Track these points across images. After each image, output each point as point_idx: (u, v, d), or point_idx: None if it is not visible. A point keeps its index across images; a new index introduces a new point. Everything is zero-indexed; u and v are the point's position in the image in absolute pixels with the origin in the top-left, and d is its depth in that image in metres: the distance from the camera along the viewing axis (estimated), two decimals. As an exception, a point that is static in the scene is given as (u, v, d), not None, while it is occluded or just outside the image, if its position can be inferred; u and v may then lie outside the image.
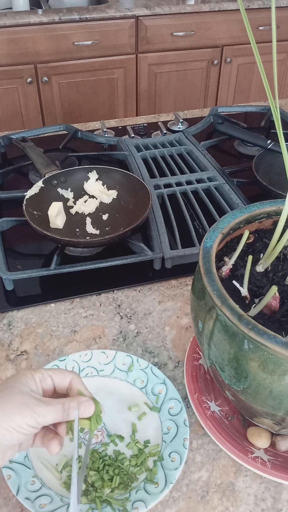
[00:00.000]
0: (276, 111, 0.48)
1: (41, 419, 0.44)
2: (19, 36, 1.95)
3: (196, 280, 0.55)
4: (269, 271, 0.57)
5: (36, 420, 0.44)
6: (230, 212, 0.59)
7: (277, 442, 0.59)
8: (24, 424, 0.43)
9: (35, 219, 0.86)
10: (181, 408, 0.62)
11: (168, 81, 2.30)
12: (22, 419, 0.43)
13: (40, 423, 0.44)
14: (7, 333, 0.76)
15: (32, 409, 0.44)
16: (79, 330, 0.77)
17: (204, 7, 2.11)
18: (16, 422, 0.43)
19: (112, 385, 0.67)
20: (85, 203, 0.95)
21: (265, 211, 0.59)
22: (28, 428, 0.44)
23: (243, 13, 0.45)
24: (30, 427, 0.44)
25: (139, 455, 0.59)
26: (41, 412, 0.44)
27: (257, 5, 2.17)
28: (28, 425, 0.44)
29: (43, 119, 2.22)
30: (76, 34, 2.02)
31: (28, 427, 0.44)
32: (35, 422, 0.44)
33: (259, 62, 0.46)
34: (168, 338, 0.75)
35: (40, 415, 0.44)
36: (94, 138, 1.22)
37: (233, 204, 0.95)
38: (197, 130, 1.25)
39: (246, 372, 0.47)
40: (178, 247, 0.86)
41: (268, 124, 1.31)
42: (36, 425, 0.44)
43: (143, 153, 1.13)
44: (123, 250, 0.88)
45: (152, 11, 2.06)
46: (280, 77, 2.48)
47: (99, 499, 0.54)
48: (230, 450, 0.58)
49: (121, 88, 2.24)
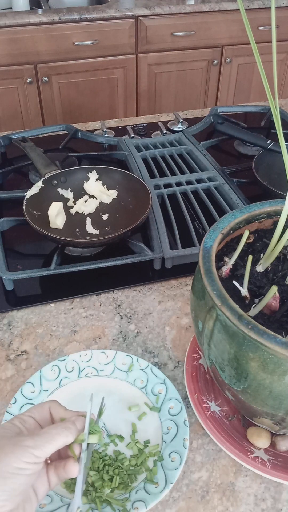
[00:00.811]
0: (276, 111, 0.48)
1: (38, 452, 0.41)
2: (19, 36, 1.95)
3: (196, 280, 0.55)
4: (269, 271, 0.57)
5: (33, 454, 0.41)
6: (230, 212, 0.59)
7: (277, 442, 0.59)
8: (21, 463, 0.40)
9: (35, 219, 0.86)
10: (181, 408, 0.62)
11: (168, 81, 2.30)
12: (17, 458, 0.40)
13: (39, 456, 0.41)
14: (7, 333, 0.76)
15: (24, 446, 0.41)
16: (79, 330, 0.77)
17: (204, 7, 2.11)
18: (13, 465, 0.40)
19: (112, 385, 0.67)
20: (85, 203, 0.95)
21: (265, 211, 0.59)
22: (28, 466, 0.40)
23: (243, 13, 0.45)
24: (30, 464, 0.41)
25: (139, 455, 0.59)
26: (36, 444, 0.41)
27: (257, 5, 2.17)
28: (26, 463, 0.40)
29: (43, 119, 2.22)
30: (76, 34, 2.02)
31: (28, 464, 0.40)
32: (33, 457, 0.41)
33: (259, 62, 0.46)
34: (168, 338, 0.75)
35: (35, 447, 0.41)
36: (94, 138, 1.22)
37: (233, 204, 0.95)
38: (197, 130, 1.25)
39: (246, 372, 0.47)
40: (178, 247, 0.86)
41: (268, 124, 1.31)
42: (35, 459, 0.41)
43: (143, 153, 1.13)
44: (123, 250, 0.88)
45: (152, 11, 2.06)
46: (280, 77, 2.48)
47: (99, 499, 0.54)
48: (230, 450, 0.58)
49: (121, 88, 2.24)
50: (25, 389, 0.64)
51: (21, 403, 0.63)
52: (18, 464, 0.40)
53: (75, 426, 0.45)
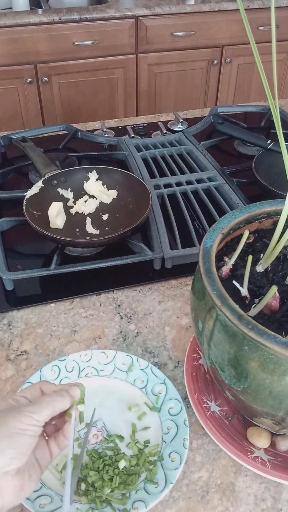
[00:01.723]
0: (276, 111, 0.48)
1: (36, 416, 0.45)
2: (19, 36, 1.95)
3: (196, 280, 0.55)
4: (269, 271, 0.57)
5: (32, 417, 0.45)
6: (230, 212, 0.59)
7: (277, 442, 0.59)
8: (22, 424, 0.44)
9: (35, 219, 0.86)
10: (181, 408, 0.62)
11: (168, 81, 2.30)
12: (19, 420, 0.44)
13: (38, 420, 0.45)
14: (7, 333, 0.76)
15: (23, 411, 0.45)
16: (79, 330, 0.77)
17: (204, 7, 2.11)
18: (16, 427, 0.44)
19: (112, 385, 0.67)
20: (85, 203, 0.95)
21: (265, 211, 0.59)
22: (29, 427, 0.45)
23: (243, 13, 0.45)
24: (31, 425, 0.45)
25: (139, 455, 0.59)
26: (33, 410, 0.46)
27: (257, 5, 2.17)
28: (27, 424, 0.44)
29: (43, 119, 2.22)
30: (76, 34, 2.02)
31: (29, 426, 0.45)
32: (31, 419, 0.45)
33: (258, 62, 0.46)
34: (168, 338, 0.75)
35: (33, 412, 0.45)
36: (94, 138, 1.22)
37: (233, 204, 0.95)
38: (197, 130, 1.25)
39: (246, 372, 0.47)
40: (178, 247, 0.86)
41: (268, 124, 1.31)
42: (35, 422, 0.45)
43: (143, 153, 1.13)
44: (123, 250, 0.88)
45: (152, 11, 2.06)
46: (280, 77, 2.48)
47: (99, 499, 0.54)
48: (230, 450, 0.58)
49: (121, 88, 2.24)
50: (25, 389, 0.64)
51: (21, 403, 0.63)
52: (20, 425, 0.44)
53: (68, 393, 0.49)
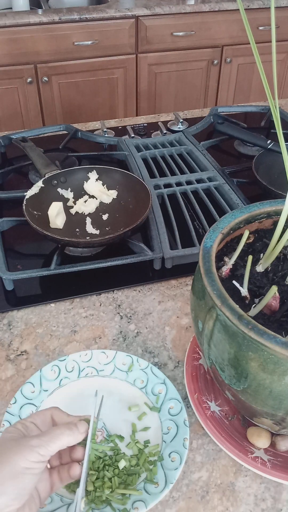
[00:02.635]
0: (276, 111, 0.48)
1: (43, 451, 0.43)
2: (19, 36, 1.95)
3: (196, 280, 0.55)
4: (269, 271, 0.57)
5: (38, 452, 0.42)
6: (230, 212, 0.59)
7: (277, 442, 0.59)
8: (27, 462, 0.42)
9: (35, 219, 0.86)
10: (181, 408, 0.62)
11: (168, 81, 2.30)
12: (24, 458, 0.42)
13: (43, 455, 0.43)
14: (7, 333, 0.76)
15: (29, 446, 0.43)
16: (79, 330, 0.77)
17: (204, 7, 2.11)
18: (20, 465, 0.41)
19: (112, 385, 0.67)
20: (85, 203, 0.95)
21: (265, 211, 0.59)
22: (35, 465, 0.42)
23: (243, 14, 0.45)
24: (36, 462, 0.42)
25: (139, 455, 0.59)
26: (41, 444, 0.43)
27: (257, 5, 2.17)
28: (33, 462, 0.42)
29: (43, 119, 2.22)
30: (76, 34, 2.02)
31: (34, 463, 0.42)
32: (38, 455, 0.42)
33: (258, 63, 0.46)
34: (168, 338, 0.75)
35: (40, 446, 0.43)
36: (94, 138, 1.22)
37: (233, 204, 0.95)
38: (197, 130, 1.25)
39: (246, 372, 0.47)
40: (178, 247, 0.86)
41: (268, 124, 1.31)
42: (41, 458, 0.43)
43: (143, 153, 1.13)
44: (123, 250, 0.88)
45: (152, 11, 2.06)
46: (280, 77, 2.48)
47: (99, 499, 0.54)
48: (230, 450, 0.58)
49: (121, 88, 2.24)
50: (25, 389, 0.64)
51: (21, 403, 0.63)
52: (25, 464, 0.41)
53: (78, 428, 0.47)
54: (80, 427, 0.47)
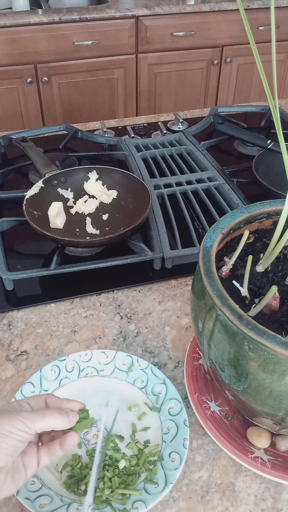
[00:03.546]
0: (276, 111, 0.48)
1: (30, 423, 0.46)
2: (19, 36, 1.95)
3: (196, 280, 0.55)
4: (269, 271, 0.57)
5: (25, 423, 0.45)
6: (230, 212, 0.59)
7: (277, 442, 0.59)
8: (13, 428, 0.45)
9: (35, 219, 0.86)
10: (181, 408, 0.62)
11: (168, 81, 2.30)
12: (9, 422, 0.45)
13: (29, 427, 0.45)
14: (7, 333, 0.76)
15: (18, 415, 0.46)
16: (79, 330, 0.77)
17: (204, 7, 2.11)
18: (5, 428, 0.44)
19: (112, 385, 0.67)
20: (85, 203, 0.95)
21: (265, 211, 0.59)
22: (18, 432, 0.45)
23: (243, 14, 0.45)
24: (20, 430, 0.45)
25: (139, 455, 0.59)
26: (28, 417, 0.46)
27: (257, 5, 2.17)
28: (17, 429, 0.45)
29: (43, 119, 2.22)
30: (76, 34, 2.02)
31: (18, 431, 0.45)
32: (24, 425, 0.45)
33: (258, 63, 0.46)
34: (168, 338, 0.75)
35: (27, 418, 0.46)
36: (94, 138, 1.22)
37: (233, 204, 0.95)
38: (197, 130, 1.25)
39: (246, 372, 0.47)
40: (178, 247, 0.86)
41: (268, 124, 1.31)
42: (26, 429, 0.45)
43: (143, 153, 1.13)
44: (123, 250, 0.88)
45: (152, 11, 2.06)
46: (280, 77, 2.48)
47: (99, 499, 0.54)
48: (230, 450, 0.58)
49: (121, 88, 2.24)
50: (25, 389, 0.64)
51: (21, 403, 0.63)
52: (10, 428, 0.45)
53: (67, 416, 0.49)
54: (71, 416, 0.49)
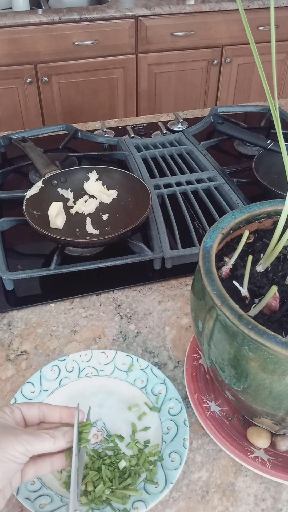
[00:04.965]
0: (276, 111, 0.48)
1: (29, 447, 0.46)
2: (19, 36, 1.95)
3: (196, 280, 0.55)
4: (269, 271, 0.57)
5: (25, 447, 0.46)
6: (230, 212, 0.59)
7: (277, 442, 0.59)
8: (15, 452, 0.45)
9: (35, 219, 0.86)
10: (181, 408, 0.62)
11: (168, 81, 2.30)
12: (13, 446, 0.45)
13: (29, 450, 0.46)
14: (7, 333, 0.76)
15: (19, 438, 0.46)
16: (79, 330, 0.77)
17: (204, 7, 2.11)
18: (9, 452, 0.45)
19: (112, 385, 0.67)
20: (85, 203, 0.95)
21: (265, 211, 0.59)
22: (20, 456, 0.46)
23: (242, 14, 0.45)
24: (21, 454, 0.46)
25: (139, 455, 0.59)
26: (28, 440, 0.47)
27: (257, 5, 2.17)
28: (19, 453, 0.46)
29: (43, 119, 2.22)
30: (76, 34, 2.02)
31: (20, 454, 0.46)
32: (24, 449, 0.46)
33: (258, 63, 0.46)
34: (168, 338, 0.75)
35: (28, 442, 0.46)
36: (94, 138, 1.22)
37: (233, 204, 0.95)
38: (197, 130, 1.25)
39: (246, 372, 0.47)
40: (178, 247, 0.86)
41: (268, 124, 1.31)
42: (26, 452, 0.46)
43: (143, 153, 1.13)
44: (123, 250, 0.88)
45: (152, 11, 2.06)
46: (279, 77, 2.48)
47: (99, 499, 0.54)
48: (230, 450, 0.58)
49: (121, 88, 2.24)
50: (25, 389, 0.64)
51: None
52: (13, 452, 0.45)
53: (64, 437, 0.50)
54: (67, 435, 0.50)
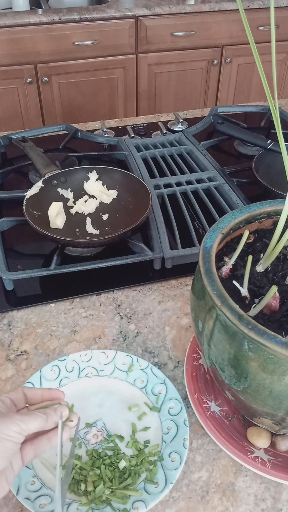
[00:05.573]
0: (276, 111, 0.48)
1: (24, 425, 0.47)
2: (19, 36, 1.95)
3: (196, 280, 0.55)
4: (269, 271, 0.57)
5: (20, 426, 0.47)
6: (230, 212, 0.59)
7: (277, 442, 0.59)
8: (10, 431, 0.46)
9: (35, 219, 0.86)
10: (181, 408, 0.62)
11: (168, 81, 2.30)
12: (6, 426, 0.46)
13: (23, 429, 0.47)
14: (7, 333, 0.76)
15: (13, 418, 0.47)
16: (79, 330, 0.77)
17: (204, 7, 2.11)
18: (3, 431, 0.46)
19: (112, 385, 0.67)
20: (85, 203, 0.95)
21: (265, 211, 0.59)
22: (15, 435, 0.46)
23: (242, 14, 0.45)
24: (17, 433, 0.46)
25: (139, 455, 0.59)
26: (22, 419, 0.47)
27: (257, 5, 2.17)
28: (13, 431, 0.46)
29: (43, 119, 2.22)
30: (76, 34, 2.02)
31: (15, 433, 0.46)
32: (19, 428, 0.47)
33: (258, 63, 0.46)
34: (168, 338, 0.75)
35: (22, 421, 0.47)
36: (94, 138, 1.22)
37: (233, 204, 0.95)
38: (197, 130, 1.25)
39: (246, 372, 0.47)
40: (178, 247, 0.86)
41: (268, 124, 1.31)
42: (21, 431, 0.47)
43: (143, 153, 1.13)
44: (123, 250, 0.88)
45: (152, 11, 2.06)
46: (279, 77, 2.48)
47: (99, 499, 0.54)
48: (230, 450, 0.58)
49: (121, 88, 2.24)
50: (25, 389, 0.64)
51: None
52: (7, 431, 0.46)
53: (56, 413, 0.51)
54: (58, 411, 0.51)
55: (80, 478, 0.56)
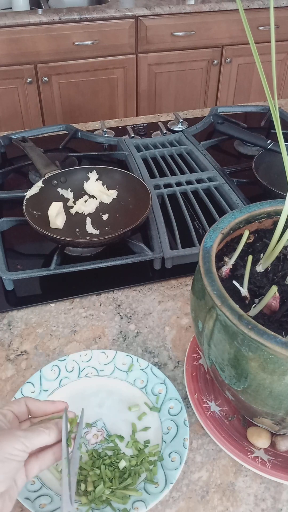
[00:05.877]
0: (275, 111, 0.48)
1: (28, 443, 0.46)
2: (19, 36, 1.95)
3: (196, 280, 0.55)
4: (269, 271, 0.57)
5: (23, 443, 0.46)
6: (230, 212, 0.59)
7: (277, 442, 0.59)
8: (14, 450, 0.45)
9: (35, 219, 0.86)
10: (181, 408, 0.62)
11: (168, 81, 2.30)
12: (11, 445, 0.45)
13: (27, 446, 0.46)
14: (7, 333, 0.76)
15: (16, 435, 0.46)
16: (79, 330, 0.77)
17: (204, 7, 2.11)
18: (7, 451, 0.45)
19: (112, 385, 0.67)
20: (85, 203, 0.95)
21: (265, 211, 0.59)
22: (19, 453, 0.46)
23: (242, 14, 0.45)
24: (20, 451, 0.46)
25: (139, 455, 0.59)
26: (26, 435, 0.47)
27: (257, 5, 2.17)
28: (18, 450, 0.45)
29: (43, 119, 2.22)
30: (76, 34, 2.02)
31: (19, 452, 0.46)
32: (23, 446, 0.46)
33: (258, 63, 0.46)
34: (168, 338, 0.75)
35: (26, 438, 0.47)
36: (94, 138, 1.22)
37: (233, 204, 0.95)
38: (197, 130, 1.25)
39: (246, 372, 0.47)
40: (178, 247, 0.86)
41: (268, 124, 1.31)
42: (24, 448, 0.46)
43: (143, 153, 1.13)
44: (123, 250, 0.88)
45: (152, 11, 2.06)
46: (279, 77, 2.48)
47: (99, 499, 0.54)
48: (230, 450, 0.58)
49: (121, 88, 2.24)
50: (25, 389, 0.64)
51: (21, 403, 0.63)
52: (12, 450, 0.45)
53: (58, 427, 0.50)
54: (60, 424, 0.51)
55: (80, 478, 0.56)
